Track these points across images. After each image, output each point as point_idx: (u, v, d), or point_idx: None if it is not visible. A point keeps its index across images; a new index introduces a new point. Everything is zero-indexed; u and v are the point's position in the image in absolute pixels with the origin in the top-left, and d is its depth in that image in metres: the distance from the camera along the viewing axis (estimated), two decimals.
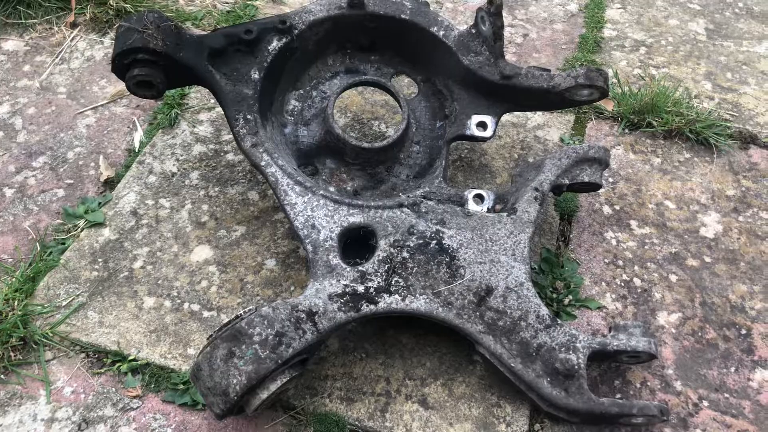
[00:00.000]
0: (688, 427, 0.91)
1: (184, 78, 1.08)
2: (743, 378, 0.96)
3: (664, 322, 1.02)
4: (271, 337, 0.82)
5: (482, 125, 1.10)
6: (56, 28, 1.50)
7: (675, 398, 0.94)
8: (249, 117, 1.04)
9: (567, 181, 1.02)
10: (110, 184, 1.20)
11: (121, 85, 1.37)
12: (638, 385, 0.95)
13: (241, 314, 0.84)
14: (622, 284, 1.07)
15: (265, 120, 1.07)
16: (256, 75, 1.07)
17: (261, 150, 1.01)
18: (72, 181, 1.20)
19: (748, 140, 1.29)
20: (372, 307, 0.90)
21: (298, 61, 1.14)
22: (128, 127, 1.30)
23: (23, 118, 1.31)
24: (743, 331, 1.01)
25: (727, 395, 0.94)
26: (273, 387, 0.81)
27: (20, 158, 1.24)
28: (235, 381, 0.79)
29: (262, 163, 1.00)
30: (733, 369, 0.97)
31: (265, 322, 0.82)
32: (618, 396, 0.94)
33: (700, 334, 1.01)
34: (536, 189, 1.00)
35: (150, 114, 1.32)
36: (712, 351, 0.99)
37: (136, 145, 1.26)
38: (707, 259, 1.10)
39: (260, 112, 1.05)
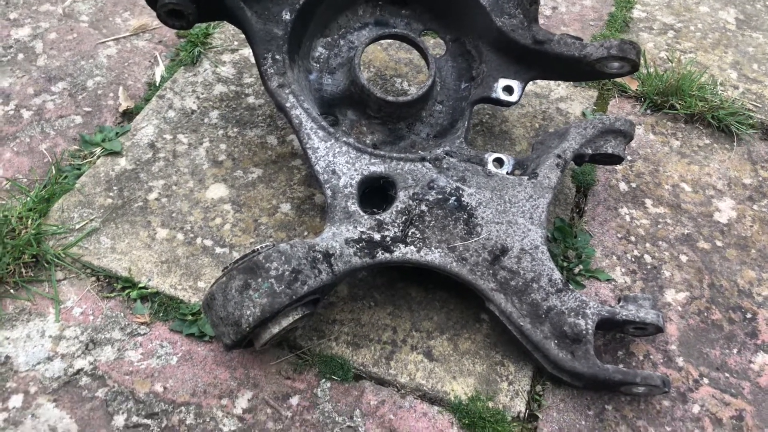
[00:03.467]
0: (687, 401, 0.92)
1: (215, 12, 1.07)
2: (745, 360, 0.97)
3: (672, 299, 1.03)
4: (287, 272, 0.82)
5: (508, 90, 1.10)
6: None
7: (676, 373, 0.95)
8: (277, 57, 1.02)
9: (590, 151, 1.02)
10: (128, 115, 1.20)
11: (145, 19, 1.36)
12: (641, 358, 0.96)
13: (258, 249, 0.84)
14: (633, 259, 1.07)
15: (292, 62, 1.06)
16: (287, 16, 1.05)
17: (287, 91, 1.00)
18: (90, 109, 1.19)
19: None
20: (387, 255, 0.90)
21: (330, 7, 1.13)
22: (149, 61, 1.29)
23: (44, 42, 1.30)
24: (749, 315, 1.02)
25: (727, 375, 0.96)
26: (284, 322, 0.81)
27: (39, 81, 1.23)
28: (248, 312, 0.79)
29: (288, 104, 1.00)
30: (735, 350, 0.98)
31: (283, 257, 0.82)
32: (621, 366, 0.95)
33: (705, 314, 1.02)
34: (559, 156, 1.00)
35: (172, 50, 1.31)
36: (717, 331, 1.00)
37: (157, 79, 1.25)
38: (719, 243, 1.11)
39: (289, 53, 1.04)
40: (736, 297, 1.04)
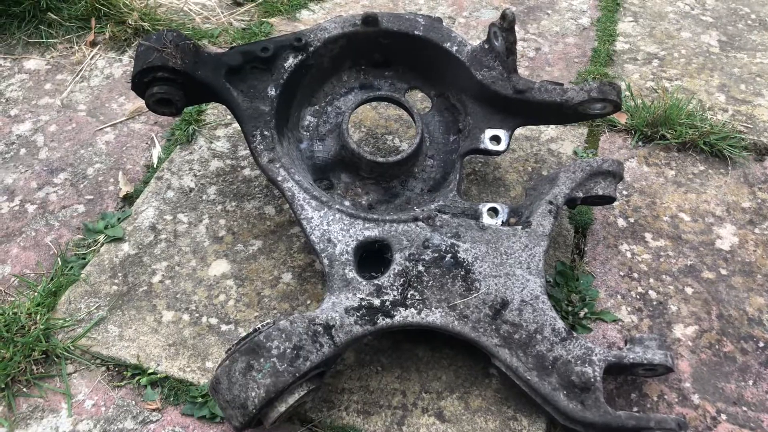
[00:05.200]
0: None
1: (202, 95, 1.10)
2: (761, 391, 0.96)
3: (681, 334, 1.02)
4: (288, 350, 0.82)
5: (496, 139, 1.11)
6: (76, 47, 1.53)
7: (693, 412, 0.94)
8: (266, 133, 1.05)
9: (581, 195, 1.03)
10: (129, 199, 1.22)
11: (140, 102, 1.40)
12: (655, 399, 0.95)
13: (259, 328, 0.85)
14: (638, 297, 1.07)
15: (281, 136, 1.09)
16: (272, 92, 1.09)
17: (278, 165, 1.02)
18: (92, 197, 1.22)
19: (762, 152, 1.28)
20: (388, 320, 0.90)
21: (314, 77, 1.16)
22: (146, 143, 1.32)
23: (45, 135, 1.34)
24: (761, 344, 1.01)
25: (745, 408, 0.94)
26: (291, 400, 0.82)
27: (42, 175, 1.26)
28: (253, 394, 0.80)
29: (279, 179, 1.02)
30: (751, 382, 0.97)
31: (283, 335, 0.83)
32: (635, 409, 0.94)
33: (717, 347, 1.01)
34: (550, 202, 1.01)
35: (168, 130, 1.34)
36: (730, 364, 0.99)
37: (155, 161, 1.28)
38: (723, 272, 1.10)
39: (277, 128, 1.07)
40: (746, 326, 1.03)
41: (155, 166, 1.27)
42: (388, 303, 0.92)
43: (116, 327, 1.02)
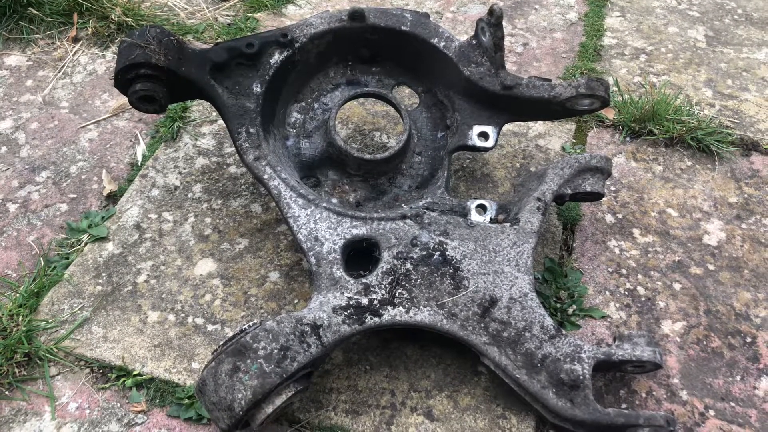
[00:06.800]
0: None
1: (186, 92, 1.09)
2: (749, 386, 0.96)
3: (669, 330, 1.02)
4: (275, 351, 0.81)
5: (484, 135, 1.11)
6: (58, 43, 1.51)
7: (681, 408, 0.94)
8: (251, 130, 1.04)
9: (569, 191, 1.02)
10: (113, 198, 1.21)
11: (123, 99, 1.38)
12: (644, 395, 0.95)
13: (245, 328, 0.84)
14: (626, 293, 1.07)
15: (267, 133, 1.07)
16: (258, 88, 1.07)
17: (264, 163, 1.01)
18: (75, 196, 1.20)
19: (749, 147, 1.29)
20: (376, 319, 0.90)
21: (300, 73, 1.15)
22: (131, 140, 1.31)
23: (26, 133, 1.32)
24: (748, 339, 1.01)
25: (733, 404, 0.94)
26: (278, 401, 0.81)
27: (23, 173, 1.24)
28: (240, 396, 0.79)
29: (265, 177, 1.01)
30: (738, 377, 0.97)
31: (270, 336, 0.82)
32: (624, 406, 0.94)
33: (705, 342, 1.01)
34: (539, 199, 1.00)
35: (152, 127, 1.33)
36: (718, 359, 0.99)
37: (139, 158, 1.27)
38: (711, 267, 1.10)
39: (262, 125, 1.06)
40: (733, 321, 1.03)
41: (139, 163, 1.26)
42: (376, 302, 0.91)
43: (100, 328, 1.01)
